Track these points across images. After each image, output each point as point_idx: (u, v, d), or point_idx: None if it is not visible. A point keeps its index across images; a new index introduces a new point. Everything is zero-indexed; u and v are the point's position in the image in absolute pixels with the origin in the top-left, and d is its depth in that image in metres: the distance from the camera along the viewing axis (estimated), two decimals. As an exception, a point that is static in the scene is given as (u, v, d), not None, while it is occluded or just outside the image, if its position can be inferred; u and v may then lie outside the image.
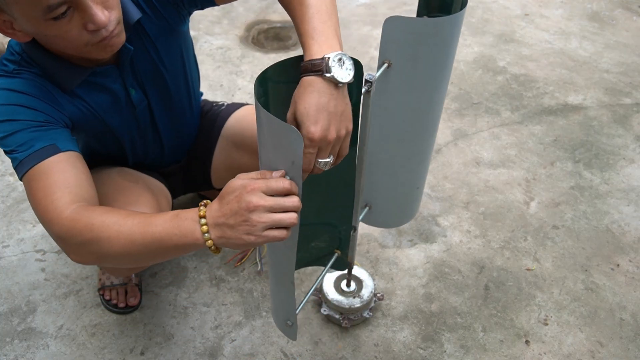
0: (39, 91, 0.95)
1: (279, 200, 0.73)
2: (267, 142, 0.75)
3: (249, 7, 2.74)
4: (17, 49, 0.97)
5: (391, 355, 1.31)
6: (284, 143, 0.71)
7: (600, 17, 2.68)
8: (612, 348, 1.33)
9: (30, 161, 0.91)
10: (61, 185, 0.89)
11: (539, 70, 2.30)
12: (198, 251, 1.55)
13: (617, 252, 1.55)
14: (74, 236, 0.86)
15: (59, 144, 0.93)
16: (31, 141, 0.91)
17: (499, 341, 1.34)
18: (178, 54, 1.13)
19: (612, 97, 2.15)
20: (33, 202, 0.91)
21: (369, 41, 2.48)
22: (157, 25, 1.05)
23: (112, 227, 0.83)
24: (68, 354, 1.32)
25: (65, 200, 0.88)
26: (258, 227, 0.73)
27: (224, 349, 1.32)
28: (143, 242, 0.81)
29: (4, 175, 1.79)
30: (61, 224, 0.86)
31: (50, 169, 0.90)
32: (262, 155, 0.80)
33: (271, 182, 0.73)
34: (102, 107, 1.06)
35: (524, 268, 1.51)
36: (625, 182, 1.78)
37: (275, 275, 0.96)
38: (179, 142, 1.32)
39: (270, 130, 0.73)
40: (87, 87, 1.03)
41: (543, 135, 1.97)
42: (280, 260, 0.90)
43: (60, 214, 0.87)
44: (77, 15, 0.83)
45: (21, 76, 0.95)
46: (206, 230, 0.76)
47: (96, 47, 0.89)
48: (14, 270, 1.50)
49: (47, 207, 0.88)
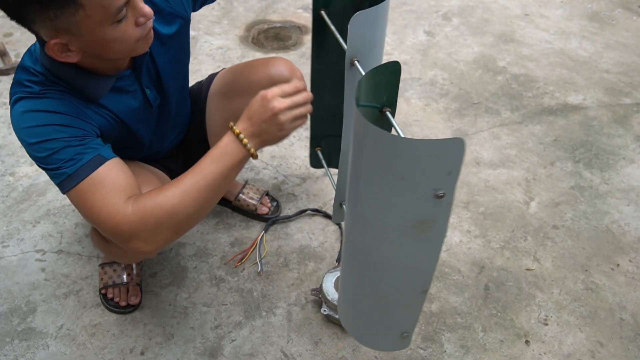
0: (69, 108, 0.98)
1: (294, 99, 0.95)
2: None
3: (249, 7, 2.74)
4: (37, 68, 0.98)
5: (391, 355, 1.31)
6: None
7: (600, 17, 2.68)
8: (612, 348, 1.33)
9: (81, 174, 0.95)
10: (117, 190, 0.95)
11: (539, 70, 2.30)
12: (198, 251, 1.55)
13: (617, 252, 1.55)
14: (147, 224, 0.93)
15: (104, 154, 0.98)
16: (78, 155, 0.95)
17: (499, 341, 1.34)
18: (185, 45, 1.20)
19: (612, 97, 2.15)
20: (92, 212, 0.95)
21: (369, 41, 2.48)
22: (175, 18, 1.13)
23: (175, 193, 0.93)
24: (68, 354, 1.32)
25: (122, 202, 0.94)
26: (286, 123, 0.95)
27: (224, 349, 1.32)
28: (207, 185, 0.94)
29: (4, 175, 1.79)
30: (130, 220, 0.93)
31: (103, 178, 0.95)
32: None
33: (284, 87, 0.95)
34: (125, 113, 1.11)
35: (524, 268, 1.51)
36: (625, 182, 1.78)
37: (401, 289, 0.87)
38: (180, 130, 1.38)
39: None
40: (110, 95, 1.06)
41: (543, 135, 1.97)
42: (415, 271, 0.83)
43: (124, 213, 0.93)
44: (130, 14, 0.91)
45: (48, 95, 0.97)
46: (247, 142, 0.95)
47: (143, 41, 0.96)
48: (14, 270, 1.50)
49: (110, 212, 0.93)
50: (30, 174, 1.79)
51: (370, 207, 0.76)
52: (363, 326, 1.00)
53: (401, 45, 2.46)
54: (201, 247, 1.57)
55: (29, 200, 1.70)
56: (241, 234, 1.60)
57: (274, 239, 1.59)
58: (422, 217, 0.71)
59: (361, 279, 0.90)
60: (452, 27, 2.60)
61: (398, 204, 0.71)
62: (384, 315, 0.94)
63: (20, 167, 1.81)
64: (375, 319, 0.96)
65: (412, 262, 0.80)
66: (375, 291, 0.90)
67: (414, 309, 0.90)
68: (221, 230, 1.61)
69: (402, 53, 2.40)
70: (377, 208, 0.74)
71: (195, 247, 1.57)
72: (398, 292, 0.87)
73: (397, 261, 0.81)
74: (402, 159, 0.64)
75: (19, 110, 0.96)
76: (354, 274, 0.91)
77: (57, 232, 1.60)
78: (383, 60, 0.99)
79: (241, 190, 1.64)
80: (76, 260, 1.53)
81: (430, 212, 0.70)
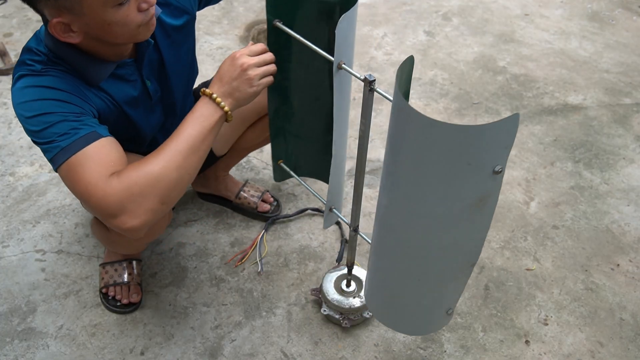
0: (69, 86, 0.99)
1: (262, 57, 1.01)
2: None
3: (249, 7, 2.74)
4: (41, 49, 1.00)
5: (391, 355, 1.31)
6: None
7: (600, 17, 2.68)
8: (612, 348, 1.33)
9: (74, 147, 0.94)
10: (106, 165, 0.94)
11: (539, 70, 2.30)
12: (198, 251, 1.55)
13: (617, 252, 1.55)
14: (133, 193, 0.91)
15: (100, 131, 0.98)
16: (73, 130, 0.95)
17: (499, 341, 1.34)
18: (191, 42, 1.22)
19: (612, 97, 2.15)
20: (79, 185, 0.94)
21: (369, 41, 2.48)
22: (182, 13, 1.15)
23: (157, 160, 0.94)
24: (68, 354, 1.32)
25: (109, 174, 0.93)
26: (255, 79, 0.99)
27: (224, 349, 1.32)
28: (188, 147, 0.95)
29: (4, 175, 1.79)
30: (115, 191, 0.91)
31: (95, 152, 0.95)
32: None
33: (251, 47, 1.01)
34: (123, 100, 1.12)
35: (524, 268, 1.51)
36: (625, 182, 1.78)
37: (450, 267, 0.88)
38: None
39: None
40: (110, 81, 1.08)
41: (543, 135, 1.97)
42: (467, 246, 0.85)
43: (110, 184, 0.91)
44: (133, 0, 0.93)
45: (49, 74, 0.99)
46: (220, 101, 0.98)
47: (145, 27, 0.98)
48: (14, 270, 1.50)
49: (97, 184, 0.92)
50: (30, 174, 1.79)
51: (426, 197, 0.78)
52: (403, 312, 1.01)
53: (401, 45, 2.46)
54: (201, 247, 1.57)
55: (29, 200, 1.70)
56: (241, 234, 1.60)
57: (274, 238, 1.59)
58: (481, 195, 0.75)
59: (405, 266, 0.91)
60: (452, 27, 2.60)
61: (462, 188, 0.74)
62: (430, 296, 0.95)
63: (20, 167, 1.81)
64: (419, 302, 0.97)
65: (464, 239, 0.83)
66: (422, 274, 0.91)
67: (461, 282, 0.92)
68: (221, 230, 1.61)
69: (402, 53, 2.40)
70: (435, 196, 0.77)
71: (195, 247, 1.57)
72: (447, 270, 0.89)
73: (450, 241, 0.83)
74: (470, 146, 0.68)
75: (19, 86, 0.97)
76: (395, 263, 0.92)
77: (57, 232, 1.60)
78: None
79: (241, 188, 1.64)
80: (76, 260, 1.53)
81: (489, 188, 0.74)
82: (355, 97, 2.14)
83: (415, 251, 0.87)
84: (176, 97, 1.24)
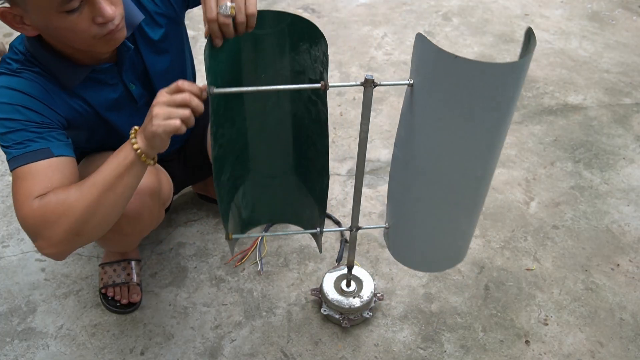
0: (38, 92, 0.99)
1: (175, 96, 0.87)
2: None
3: (249, 7, 2.74)
4: (20, 48, 1.00)
5: (391, 355, 1.31)
6: None
7: (600, 17, 2.68)
8: (612, 348, 1.33)
9: (22, 159, 0.95)
10: (42, 185, 0.94)
11: (539, 70, 2.30)
12: (198, 251, 1.55)
13: (617, 252, 1.55)
14: (48, 220, 0.92)
15: (53, 149, 0.97)
16: (27, 141, 0.96)
17: (499, 341, 1.34)
18: (178, 46, 1.19)
19: (612, 97, 2.15)
20: (14, 198, 0.96)
21: (369, 41, 2.48)
22: (164, 18, 1.11)
23: (75, 191, 0.92)
24: (68, 354, 1.32)
25: (37, 196, 0.93)
26: (156, 118, 0.86)
27: (224, 349, 1.32)
28: (103, 182, 0.92)
29: (4, 175, 1.79)
30: (34, 214, 0.92)
31: (38, 171, 0.95)
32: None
33: (173, 85, 0.87)
34: (101, 105, 1.10)
35: (524, 268, 1.51)
36: (625, 182, 1.78)
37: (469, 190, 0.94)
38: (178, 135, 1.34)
39: None
40: (87, 85, 1.06)
41: (543, 135, 1.97)
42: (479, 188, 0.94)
43: (31, 206, 0.92)
44: (87, 9, 0.89)
45: (22, 75, 0.98)
46: (135, 142, 0.91)
47: (102, 40, 0.94)
48: (14, 270, 1.50)
49: (23, 203, 0.93)
50: (30, 174, 1.78)
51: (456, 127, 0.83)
52: (424, 250, 1.07)
53: (401, 45, 2.46)
54: (201, 247, 1.57)
55: (29, 200, 1.70)
56: (241, 234, 1.60)
57: (274, 239, 1.59)
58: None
59: (429, 198, 0.96)
60: (452, 27, 2.60)
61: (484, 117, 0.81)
62: (449, 227, 1.01)
63: (20, 167, 1.81)
64: (440, 235, 1.04)
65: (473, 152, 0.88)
66: (444, 204, 0.96)
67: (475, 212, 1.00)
68: (221, 230, 1.61)
69: (402, 53, 2.40)
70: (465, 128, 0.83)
71: (195, 247, 1.57)
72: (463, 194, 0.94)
73: (467, 165, 0.90)
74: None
75: None
76: (418, 198, 0.97)
77: (57, 232, 1.60)
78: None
79: None
80: (76, 260, 1.53)
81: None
82: (355, 97, 2.14)
83: (439, 180, 0.92)
84: None
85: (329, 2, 2.80)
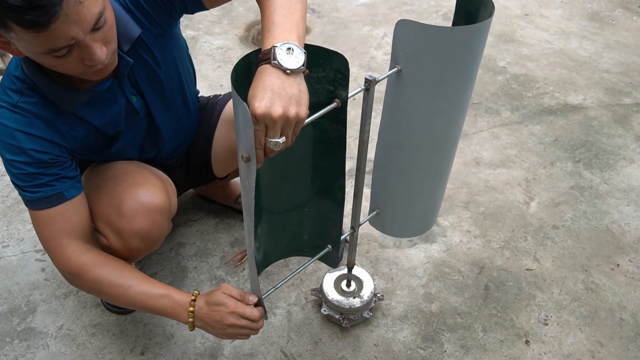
0: (42, 130, 1.02)
1: (249, 324, 1.04)
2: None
3: (249, 7, 2.74)
4: (17, 74, 0.99)
5: (391, 355, 1.31)
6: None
7: (600, 17, 2.68)
8: (612, 348, 1.33)
9: (38, 205, 1.04)
10: (67, 231, 1.06)
11: (539, 70, 2.30)
12: (198, 251, 1.55)
13: (617, 252, 1.55)
14: (81, 282, 1.09)
15: (65, 192, 1.05)
16: (41, 186, 1.02)
17: (499, 341, 1.34)
18: (171, 56, 1.15)
19: (612, 97, 2.15)
20: (43, 241, 1.08)
21: (369, 41, 2.48)
22: (152, 32, 1.07)
23: (117, 289, 1.08)
24: (68, 354, 1.32)
25: (74, 249, 1.07)
26: (231, 335, 1.06)
27: (224, 349, 1.32)
28: (135, 304, 1.10)
29: (4, 175, 1.79)
30: (71, 269, 1.07)
31: (56, 216, 1.05)
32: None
33: (246, 311, 1.03)
34: (102, 121, 1.10)
35: (524, 268, 1.51)
36: (625, 182, 1.78)
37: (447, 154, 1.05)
38: (179, 138, 1.34)
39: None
40: (87, 105, 1.05)
41: (543, 135, 1.97)
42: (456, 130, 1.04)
43: (69, 259, 1.07)
44: (75, 52, 0.87)
45: (22, 112, 0.99)
46: (192, 321, 1.06)
47: (92, 74, 0.94)
48: (14, 270, 1.50)
49: (56, 249, 1.07)
50: (30, 174, 1.78)
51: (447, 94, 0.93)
52: (408, 217, 1.16)
53: (401, 45, 2.46)
54: (201, 247, 1.57)
55: (29, 200, 1.70)
56: (241, 234, 1.60)
57: (274, 239, 1.59)
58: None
59: (414, 166, 1.04)
60: (452, 27, 2.60)
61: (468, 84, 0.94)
62: (432, 192, 1.11)
63: (20, 167, 1.81)
64: (423, 201, 1.13)
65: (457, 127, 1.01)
66: (428, 170, 1.06)
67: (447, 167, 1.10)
68: (221, 230, 1.61)
69: (402, 53, 2.40)
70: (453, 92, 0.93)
71: (195, 247, 1.57)
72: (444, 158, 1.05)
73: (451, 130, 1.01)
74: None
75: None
76: (404, 168, 1.05)
77: (57, 232, 1.60)
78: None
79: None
80: (76, 260, 1.52)
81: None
82: (355, 97, 2.14)
83: (423, 148, 1.01)
84: (171, 99, 1.20)
85: (329, 2, 2.80)
